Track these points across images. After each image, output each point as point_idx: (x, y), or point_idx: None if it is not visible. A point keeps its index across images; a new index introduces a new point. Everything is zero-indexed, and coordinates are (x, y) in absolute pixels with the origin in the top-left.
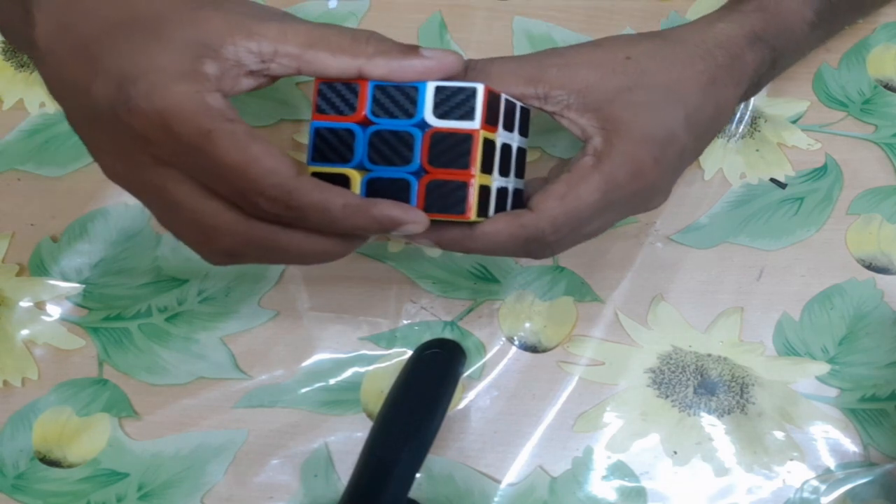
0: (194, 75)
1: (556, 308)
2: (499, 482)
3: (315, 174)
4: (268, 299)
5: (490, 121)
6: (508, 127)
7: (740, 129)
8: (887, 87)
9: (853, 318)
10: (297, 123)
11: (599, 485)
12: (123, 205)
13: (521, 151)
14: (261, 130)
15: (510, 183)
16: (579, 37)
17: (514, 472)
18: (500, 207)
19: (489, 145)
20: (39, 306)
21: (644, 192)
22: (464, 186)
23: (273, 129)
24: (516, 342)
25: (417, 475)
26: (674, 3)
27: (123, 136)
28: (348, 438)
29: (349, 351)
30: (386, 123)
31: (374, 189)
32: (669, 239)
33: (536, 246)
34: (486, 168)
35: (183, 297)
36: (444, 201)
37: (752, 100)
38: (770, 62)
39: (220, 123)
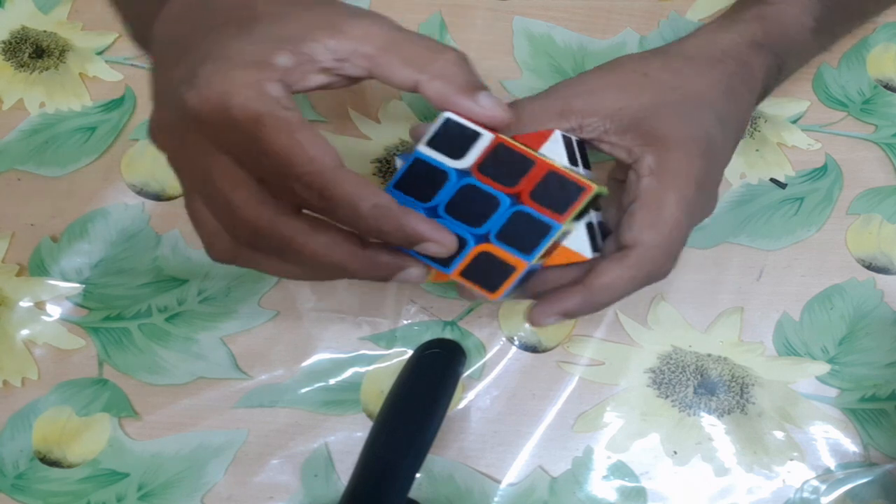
0: (261, 65)
1: None
2: (499, 482)
3: None
4: (268, 299)
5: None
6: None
7: None
8: (887, 87)
9: (853, 318)
10: None
11: (599, 485)
12: (123, 205)
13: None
14: None
15: (594, 217)
16: (580, 37)
17: (514, 472)
18: (592, 238)
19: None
20: (39, 306)
21: (705, 187)
22: (510, 270)
23: None
24: (516, 342)
25: (417, 475)
26: (674, 3)
27: (184, 113)
28: (348, 438)
29: (349, 351)
30: (483, 184)
31: None
32: None
33: (657, 274)
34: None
35: (183, 297)
36: (483, 275)
37: None
38: (776, 69)
39: (272, 109)
